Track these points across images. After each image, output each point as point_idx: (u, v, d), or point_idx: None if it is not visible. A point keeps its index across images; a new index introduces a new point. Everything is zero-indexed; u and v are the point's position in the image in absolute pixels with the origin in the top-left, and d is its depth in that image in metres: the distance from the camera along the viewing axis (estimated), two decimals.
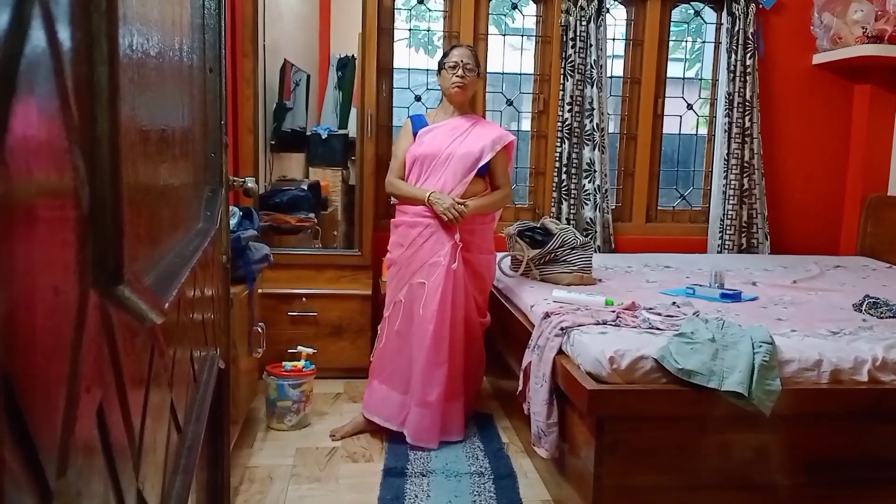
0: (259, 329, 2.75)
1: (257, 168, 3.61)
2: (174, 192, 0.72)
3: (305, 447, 2.70)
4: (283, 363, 2.91)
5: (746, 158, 3.76)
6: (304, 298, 3.43)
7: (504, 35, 3.97)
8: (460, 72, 2.72)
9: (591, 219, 3.72)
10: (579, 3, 3.62)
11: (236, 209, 2.72)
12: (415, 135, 2.82)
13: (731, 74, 3.73)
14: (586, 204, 3.74)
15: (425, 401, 2.60)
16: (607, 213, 3.76)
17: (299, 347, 3.03)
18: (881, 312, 2.37)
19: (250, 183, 1.28)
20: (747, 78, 3.72)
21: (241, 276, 2.57)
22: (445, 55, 2.81)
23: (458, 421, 2.71)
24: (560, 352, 2.10)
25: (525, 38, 3.94)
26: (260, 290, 3.14)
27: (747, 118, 3.74)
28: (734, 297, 2.61)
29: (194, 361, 0.76)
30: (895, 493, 1.59)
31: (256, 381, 3.01)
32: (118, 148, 0.41)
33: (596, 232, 3.72)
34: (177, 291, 0.57)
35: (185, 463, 0.61)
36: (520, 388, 2.31)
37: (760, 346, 1.82)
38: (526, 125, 3.98)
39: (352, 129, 3.90)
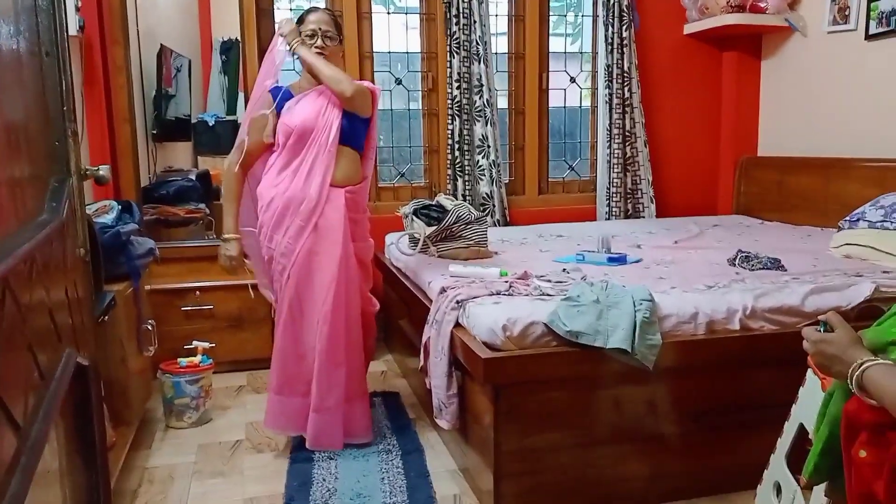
0: (149, 327, 2.65)
1: (137, 158, 3.44)
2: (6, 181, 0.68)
3: (207, 443, 2.63)
4: (179, 360, 2.81)
5: (628, 128, 3.92)
6: (197, 292, 3.32)
7: (389, 13, 3.94)
8: (319, 41, 2.44)
9: (487, 193, 3.79)
10: None
11: (114, 203, 2.59)
12: (278, 110, 2.50)
13: (609, 47, 3.87)
14: (481, 179, 3.79)
15: (323, 406, 2.41)
16: (502, 187, 3.83)
17: (195, 342, 2.93)
18: (752, 265, 2.55)
19: (102, 171, 1.20)
20: (624, 50, 3.87)
21: (125, 272, 2.45)
22: (300, 21, 2.48)
23: (363, 420, 2.52)
24: (457, 325, 2.13)
25: (409, 15, 3.92)
26: (149, 287, 3.02)
27: (626, 89, 3.89)
28: (620, 260, 2.74)
29: (38, 360, 0.72)
30: (772, 431, 1.72)
31: (151, 380, 2.90)
32: None
33: (493, 206, 3.78)
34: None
35: (27, 461, 0.58)
36: (421, 363, 2.34)
37: (641, 304, 1.91)
38: (416, 104, 3.98)
39: (240, 114, 3.78)
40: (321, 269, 2.41)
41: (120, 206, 2.58)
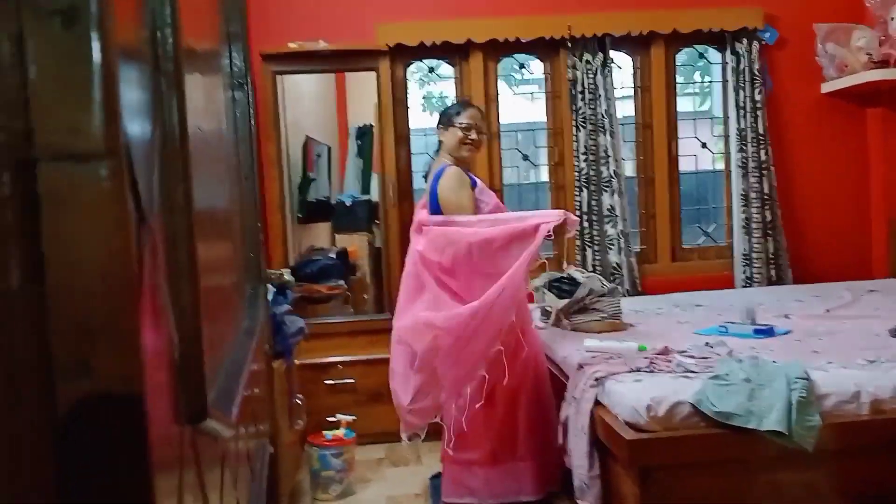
0: (298, 401, 2.80)
1: (286, 242, 3.72)
2: (227, 297, 0.79)
3: None
4: (324, 432, 2.95)
5: (765, 191, 3.78)
6: (340, 366, 3.48)
7: (514, 88, 4.09)
8: (474, 135, 2.68)
9: (616, 263, 3.75)
10: (584, 58, 3.73)
11: (270, 285, 2.80)
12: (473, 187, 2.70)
13: (741, 111, 3.79)
14: (610, 249, 3.77)
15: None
16: (632, 256, 3.79)
17: (338, 416, 3.06)
18: None
19: (286, 275, 1.33)
20: (758, 113, 3.77)
21: (279, 350, 2.63)
22: (457, 113, 2.72)
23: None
24: (597, 402, 2.11)
25: (536, 87, 4.04)
26: (297, 362, 3.20)
27: (762, 152, 3.78)
28: (767, 332, 2.61)
29: (250, 454, 0.81)
30: None
31: (299, 453, 3.04)
32: (198, 306, 0.48)
33: (622, 276, 3.74)
34: (240, 401, 0.63)
35: None
36: (560, 440, 2.32)
37: (796, 383, 1.81)
38: (543, 176, 4.05)
39: (374, 194, 4.01)
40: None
41: (275, 289, 2.79)
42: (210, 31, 0.90)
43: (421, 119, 5.19)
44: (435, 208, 2.67)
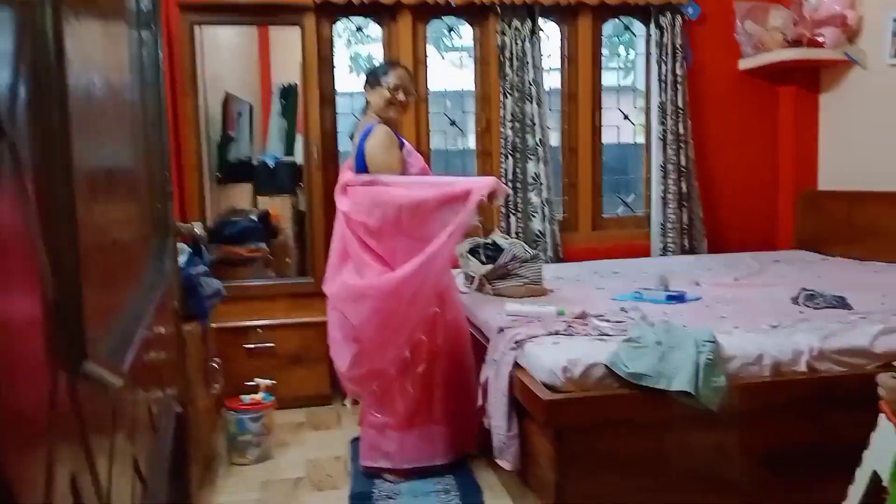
0: (215, 365, 2.74)
1: (203, 202, 3.59)
2: (124, 247, 0.74)
3: (269, 480, 2.68)
4: (242, 397, 2.89)
5: (682, 164, 3.90)
6: (259, 330, 3.41)
7: (444, 53, 4.04)
8: (401, 95, 2.63)
9: (539, 231, 3.81)
10: (513, 24, 3.72)
11: (185, 246, 2.70)
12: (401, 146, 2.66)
13: (663, 84, 3.88)
14: (534, 216, 3.82)
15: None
16: (554, 224, 3.85)
17: (256, 380, 3.01)
18: (817, 303, 2.49)
19: (197, 229, 1.26)
20: (678, 87, 3.87)
21: (194, 313, 2.55)
22: (384, 73, 2.66)
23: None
24: (516, 364, 2.14)
25: (465, 54, 4.01)
26: (214, 325, 3.12)
27: (681, 125, 3.89)
28: (679, 298, 2.71)
29: (153, 411, 0.77)
30: (843, 476, 1.67)
31: (216, 417, 2.98)
32: (78, 248, 0.44)
33: (546, 243, 3.80)
34: (134, 352, 0.60)
35: None
36: (479, 402, 2.35)
37: (704, 346, 1.90)
38: (471, 143, 4.05)
39: (298, 156, 3.91)
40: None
41: (190, 249, 2.69)
42: None
43: (348, 81, 5.07)
44: (361, 167, 2.61)
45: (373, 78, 2.68)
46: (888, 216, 3.44)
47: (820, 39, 3.70)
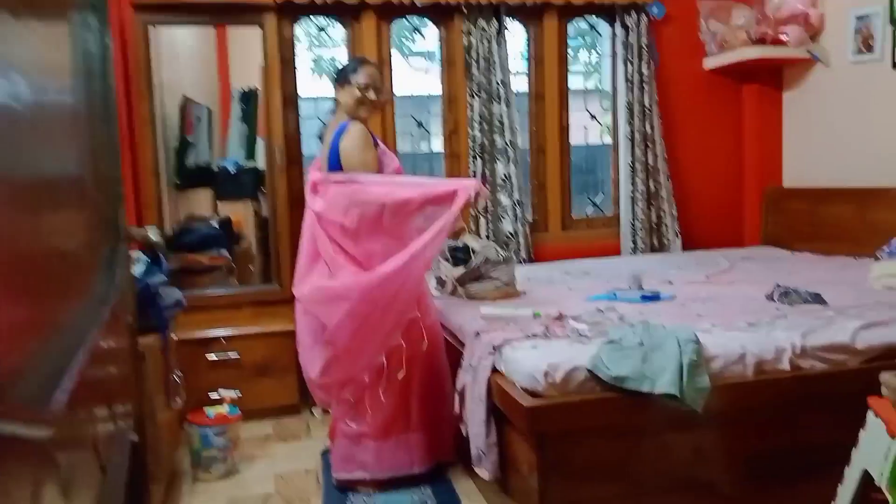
0: (177, 378, 2.61)
1: (161, 209, 3.45)
2: (63, 257, 0.65)
3: (237, 496, 2.56)
4: (206, 410, 2.77)
5: (651, 163, 3.89)
6: (223, 340, 3.29)
7: (407, 57, 3.98)
8: (371, 94, 2.53)
9: (510, 232, 3.76)
10: (479, 24, 3.66)
11: (142, 255, 2.57)
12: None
13: (629, 84, 3.87)
14: (504, 218, 3.77)
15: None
16: (526, 225, 3.81)
17: (221, 392, 2.89)
18: (792, 300, 2.48)
19: (152, 235, 1.14)
20: (644, 87, 3.87)
21: (153, 325, 2.43)
22: (354, 70, 2.55)
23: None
24: (494, 369, 2.08)
25: (428, 60, 3.95)
26: (175, 337, 2.99)
27: (648, 124, 3.88)
28: (654, 297, 2.68)
29: (99, 449, 0.68)
30: (831, 477, 1.64)
31: (178, 432, 2.85)
32: None
33: (519, 244, 3.75)
34: (74, 380, 0.50)
35: None
36: (456, 409, 2.28)
37: (687, 346, 1.85)
38: (437, 146, 3.99)
39: (260, 161, 3.80)
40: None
41: (148, 258, 2.56)
42: None
43: (311, 84, 4.97)
44: (335, 166, 2.49)
45: (342, 76, 2.58)
46: (852, 212, 3.47)
47: (783, 38, 3.72)
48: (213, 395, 2.91)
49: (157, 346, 2.46)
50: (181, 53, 4.00)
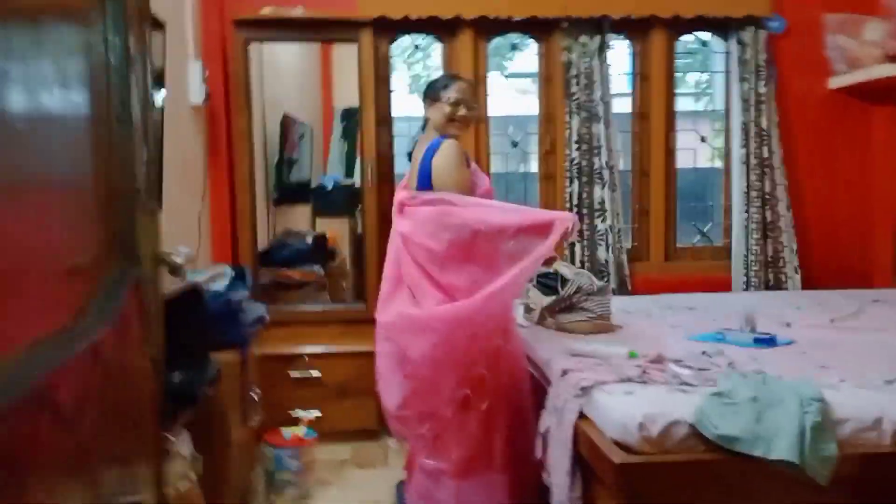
0: (254, 396, 2.56)
1: (255, 223, 3.47)
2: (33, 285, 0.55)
3: None
4: (283, 430, 2.71)
5: (767, 190, 3.57)
6: (306, 357, 3.24)
7: (506, 77, 3.86)
8: (462, 111, 2.41)
9: (605, 260, 3.53)
10: (580, 40, 3.49)
11: (228, 269, 2.56)
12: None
13: (745, 104, 3.57)
14: (599, 245, 3.55)
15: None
16: (622, 253, 3.57)
17: (298, 412, 2.83)
18: None
19: (179, 258, 1.03)
20: (762, 107, 3.56)
21: (233, 341, 2.39)
22: (444, 87, 2.45)
23: None
24: (581, 414, 1.88)
25: (527, 80, 3.81)
26: (255, 353, 2.96)
27: (765, 148, 3.56)
28: (769, 341, 2.39)
29: None
30: None
31: (255, 450, 2.80)
32: None
33: (610, 273, 3.52)
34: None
35: None
36: (538, 454, 2.09)
37: (810, 405, 1.59)
38: (533, 166, 3.83)
39: (358, 179, 3.78)
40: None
41: (234, 273, 2.54)
42: None
43: (408, 103, 4.94)
44: (425, 185, 2.38)
45: (432, 92, 2.48)
46: None
47: None
48: (293, 415, 2.85)
49: (236, 362, 2.42)
50: (284, 71, 4.07)
